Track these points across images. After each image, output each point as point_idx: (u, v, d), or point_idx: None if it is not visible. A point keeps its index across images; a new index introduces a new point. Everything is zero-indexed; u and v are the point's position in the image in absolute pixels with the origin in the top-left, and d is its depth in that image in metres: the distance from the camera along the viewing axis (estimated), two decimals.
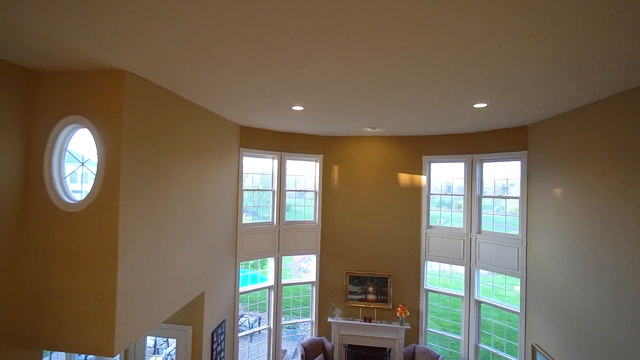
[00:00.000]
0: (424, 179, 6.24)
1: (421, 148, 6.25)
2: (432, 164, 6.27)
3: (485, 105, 3.81)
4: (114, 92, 2.66)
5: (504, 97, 3.48)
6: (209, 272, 4.54)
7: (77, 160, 2.90)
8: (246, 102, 3.91)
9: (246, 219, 6.09)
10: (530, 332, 4.82)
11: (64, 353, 3.48)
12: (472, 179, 5.77)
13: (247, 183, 6.01)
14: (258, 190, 6.14)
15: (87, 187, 2.78)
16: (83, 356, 5.18)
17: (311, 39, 2.15)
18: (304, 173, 6.63)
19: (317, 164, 6.55)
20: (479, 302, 5.67)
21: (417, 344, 6.10)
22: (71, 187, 2.88)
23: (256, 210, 6.22)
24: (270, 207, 6.21)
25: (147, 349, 4.88)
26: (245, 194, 5.94)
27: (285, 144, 6.18)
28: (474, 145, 5.74)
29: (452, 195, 6.16)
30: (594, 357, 3.47)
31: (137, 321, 2.94)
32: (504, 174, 5.51)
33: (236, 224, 5.52)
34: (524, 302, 4.96)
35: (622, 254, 3.12)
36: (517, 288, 5.20)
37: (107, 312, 2.63)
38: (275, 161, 6.16)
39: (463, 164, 5.91)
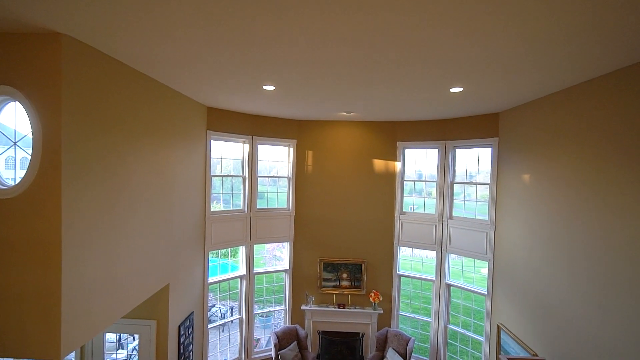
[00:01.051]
0: (398, 165, 6.22)
1: (396, 134, 6.20)
2: (406, 150, 6.25)
3: (461, 89, 3.76)
4: (50, 60, 2.29)
5: (479, 82, 3.44)
6: (174, 263, 4.26)
7: (9, 140, 2.51)
8: (212, 79, 3.59)
9: (216, 206, 5.80)
10: (496, 313, 5.01)
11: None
12: (445, 165, 5.82)
13: (216, 169, 5.69)
14: (228, 176, 5.83)
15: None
16: None
17: (282, 10, 1.92)
18: (277, 159, 6.39)
19: (291, 149, 6.33)
20: (449, 286, 5.82)
21: (390, 327, 6.21)
22: (5, 174, 2.50)
23: (227, 197, 5.93)
24: (242, 194, 5.94)
25: (109, 344, 4.57)
26: (215, 181, 5.62)
27: (256, 127, 5.88)
28: (447, 132, 5.77)
29: (425, 181, 6.20)
30: (555, 333, 3.64)
31: (89, 319, 2.65)
32: (475, 161, 5.60)
33: (204, 212, 5.23)
34: (491, 284, 5.14)
35: (586, 237, 3.23)
36: (484, 271, 5.37)
37: (50, 312, 2.33)
38: (246, 146, 5.86)
39: (437, 150, 5.94)
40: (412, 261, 6.62)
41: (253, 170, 5.90)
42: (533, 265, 4.10)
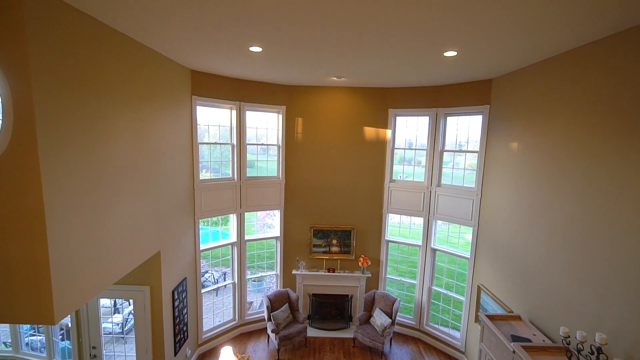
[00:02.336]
0: (389, 133, 6.17)
1: (387, 101, 6.08)
2: (397, 118, 6.18)
3: (455, 53, 3.64)
4: (11, 12, 2.08)
5: (475, 45, 3.32)
6: (164, 231, 4.27)
7: None
8: (195, 38, 3.37)
9: (205, 175, 5.72)
10: (477, 275, 5.28)
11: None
12: (436, 133, 5.81)
13: (204, 137, 5.54)
14: (216, 144, 5.70)
15: None
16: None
17: None
18: (266, 126, 6.24)
19: (280, 116, 6.17)
20: (434, 250, 6.05)
21: (377, 289, 6.50)
22: None
23: (216, 166, 5.84)
24: (230, 163, 5.85)
25: (104, 309, 4.67)
26: (203, 149, 5.49)
27: (244, 93, 5.67)
28: (439, 99, 5.68)
29: (415, 149, 6.20)
30: (530, 292, 3.88)
31: (80, 286, 2.67)
32: (465, 130, 5.59)
33: (193, 181, 5.16)
34: (474, 248, 5.36)
35: (565, 202, 3.34)
36: (469, 236, 5.58)
37: (40, 280, 2.32)
38: (234, 112, 5.68)
39: (428, 117, 5.89)
40: (400, 228, 6.80)
41: (242, 138, 5.77)
42: (514, 229, 4.27)
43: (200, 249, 5.51)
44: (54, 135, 2.35)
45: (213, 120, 5.63)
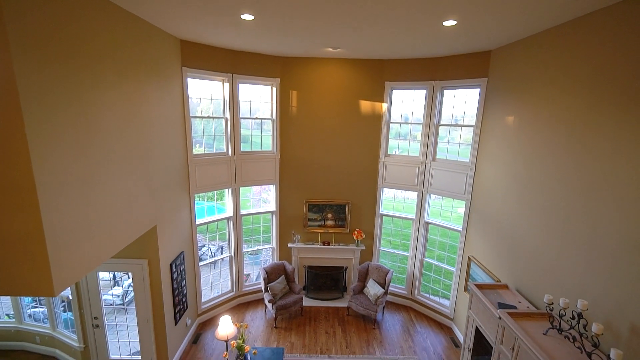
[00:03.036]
0: (385, 106, 6.08)
1: (384, 73, 5.94)
2: (394, 91, 6.07)
3: (454, 23, 3.52)
4: None
5: (475, 13, 3.21)
6: (159, 206, 4.27)
7: None
8: (184, 3, 3.20)
9: (199, 150, 5.65)
10: (468, 247, 5.44)
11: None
12: (432, 106, 5.74)
13: (197, 111, 5.41)
14: (209, 117, 5.58)
15: None
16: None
17: None
18: (260, 99, 6.10)
19: (274, 88, 6.02)
20: (427, 224, 6.18)
21: (371, 261, 6.69)
22: None
23: (210, 141, 5.76)
24: (224, 137, 5.77)
25: (103, 282, 4.76)
26: (196, 124, 5.39)
27: (236, 64, 5.48)
28: (437, 71, 5.57)
29: (411, 123, 6.15)
30: (518, 263, 4.02)
31: (78, 259, 2.70)
32: (462, 104, 5.53)
33: (187, 155, 5.10)
34: (466, 221, 5.48)
35: (557, 178, 3.39)
36: (461, 210, 5.68)
37: (37, 254, 2.34)
38: (226, 85, 5.52)
39: (424, 91, 5.79)
40: (394, 202, 6.89)
41: (235, 112, 5.66)
42: (506, 203, 4.35)
43: (197, 223, 5.56)
44: (39, 108, 2.27)
45: (205, 93, 5.48)
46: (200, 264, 5.88)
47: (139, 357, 4.75)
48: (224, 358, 4.76)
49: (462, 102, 5.53)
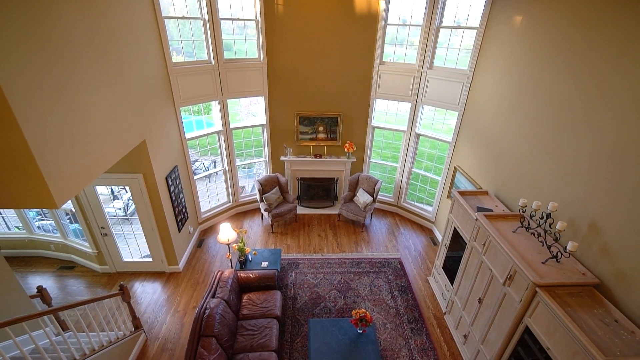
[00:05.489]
0: (382, 5, 5.43)
1: None
2: None
3: None
4: None
5: None
6: (145, 120, 4.12)
7: None
8: None
9: (178, 58, 5.18)
10: (456, 157, 5.62)
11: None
12: (434, 5, 5.15)
13: (169, 10, 4.75)
14: (184, 18, 4.95)
15: None
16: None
17: None
18: None
19: None
20: (418, 135, 6.23)
21: (361, 172, 6.95)
22: None
23: (189, 48, 5.22)
24: (204, 42, 5.23)
25: (103, 197, 4.92)
26: (171, 27, 4.80)
27: None
28: None
29: (409, 25, 5.60)
30: (501, 172, 4.23)
31: (73, 173, 2.72)
32: (468, 1, 4.95)
33: (165, 64, 4.70)
34: (457, 132, 5.53)
35: (553, 87, 3.29)
36: (452, 122, 5.67)
37: (29, 166, 2.33)
38: None
39: None
40: (387, 114, 6.77)
41: (213, 11, 5.00)
42: (499, 114, 4.32)
43: (187, 137, 5.48)
44: None
45: None
46: (195, 177, 6.03)
47: (150, 259, 5.25)
48: (227, 258, 5.31)
49: (468, 0, 4.95)
